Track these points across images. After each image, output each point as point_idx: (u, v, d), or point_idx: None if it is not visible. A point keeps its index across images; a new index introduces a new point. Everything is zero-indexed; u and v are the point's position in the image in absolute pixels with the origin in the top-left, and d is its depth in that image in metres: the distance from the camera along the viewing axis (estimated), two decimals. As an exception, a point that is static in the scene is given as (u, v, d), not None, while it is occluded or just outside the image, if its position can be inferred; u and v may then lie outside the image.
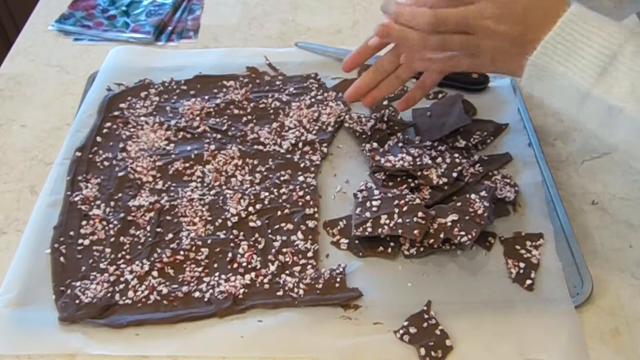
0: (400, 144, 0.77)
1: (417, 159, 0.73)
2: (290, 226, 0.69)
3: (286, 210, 0.71)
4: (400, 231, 0.65)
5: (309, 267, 0.66)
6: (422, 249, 0.67)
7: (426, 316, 0.62)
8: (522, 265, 0.66)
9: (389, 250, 0.67)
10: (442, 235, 0.65)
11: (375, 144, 0.77)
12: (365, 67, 0.76)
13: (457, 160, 0.74)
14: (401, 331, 0.61)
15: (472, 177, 0.74)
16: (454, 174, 0.73)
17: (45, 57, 0.95)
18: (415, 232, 0.64)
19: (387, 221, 0.66)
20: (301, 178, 0.74)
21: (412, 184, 0.73)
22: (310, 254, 0.67)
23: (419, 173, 0.72)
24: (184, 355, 0.60)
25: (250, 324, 0.62)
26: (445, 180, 0.72)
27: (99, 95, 0.86)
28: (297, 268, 0.66)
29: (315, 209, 0.71)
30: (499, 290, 0.65)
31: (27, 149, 0.81)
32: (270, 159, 0.77)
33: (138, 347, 0.61)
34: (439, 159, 0.75)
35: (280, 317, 0.63)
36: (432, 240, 0.66)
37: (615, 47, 0.53)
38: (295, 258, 0.66)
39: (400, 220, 0.65)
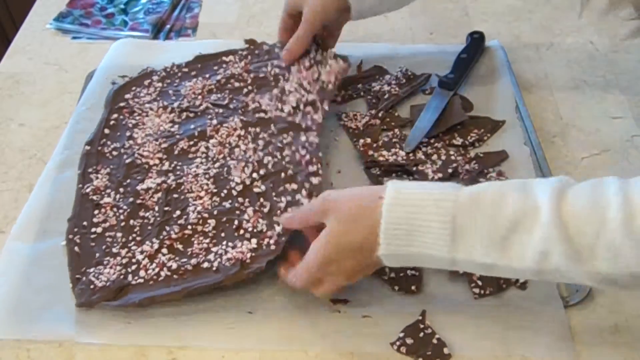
0: (394, 140, 0.77)
1: (411, 154, 0.73)
2: (294, 186, 0.69)
3: (290, 172, 0.71)
4: (396, 287, 0.64)
5: None
6: None
7: (422, 326, 0.61)
8: None
9: None
10: None
11: (368, 140, 0.77)
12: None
13: (453, 157, 0.74)
14: (398, 343, 0.60)
15: (467, 175, 0.73)
16: (449, 170, 0.72)
17: (44, 55, 0.95)
18: (413, 287, 0.64)
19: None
20: (303, 138, 0.74)
21: (407, 180, 0.73)
22: None
23: (414, 168, 0.72)
24: (176, 345, 0.61)
25: (240, 315, 0.63)
26: (440, 175, 0.72)
27: (99, 88, 0.86)
28: None
29: (319, 165, 0.70)
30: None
31: (26, 148, 0.81)
32: (272, 124, 0.77)
33: (128, 336, 0.62)
34: (435, 156, 0.75)
35: (269, 308, 0.63)
36: None
37: (450, 210, 0.51)
38: None
39: (393, 275, 0.65)
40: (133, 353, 0.61)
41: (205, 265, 0.64)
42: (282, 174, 0.70)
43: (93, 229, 0.69)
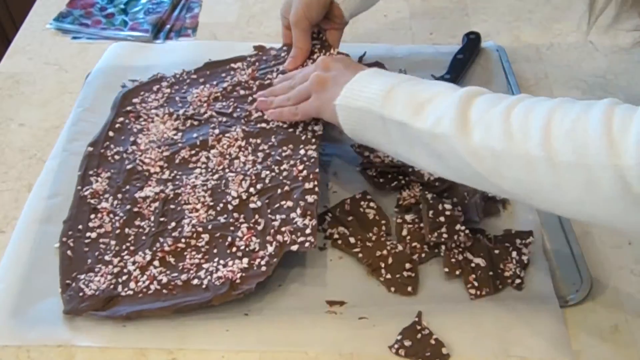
0: None
1: None
2: (290, 203, 0.67)
3: (286, 187, 0.69)
4: (392, 289, 0.65)
5: (306, 244, 0.64)
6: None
7: (419, 327, 0.61)
8: (512, 264, 0.66)
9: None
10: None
11: None
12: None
13: None
14: (396, 345, 0.60)
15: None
16: None
17: (44, 55, 0.95)
18: (409, 289, 0.64)
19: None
20: (302, 152, 0.72)
21: (403, 181, 0.73)
22: (308, 231, 0.64)
23: (410, 169, 0.72)
24: (174, 347, 0.61)
25: (237, 317, 0.63)
26: (436, 176, 0.72)
27: (94, 91, 0.86)
28: (295, 247, 0.64)
29: (315, 182, 0.68)
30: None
31: (26, 148, 0.81)
32: (272, 136, 0.75)
33: (128, 339, 0.62)
34: None
35: (265, 309, 0.63)
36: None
37: (394, 81, 0.62)
38: (293, 236, 0.64)
39: (389, 276, 0.65)
40: (133, 354, 0.61)
41: (195, 282, 0.64)
42: (279, 190, 0.69)
43: (88, 234, 0.69)
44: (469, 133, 0.55)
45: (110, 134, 0.79)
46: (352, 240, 0.68)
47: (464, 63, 0.87)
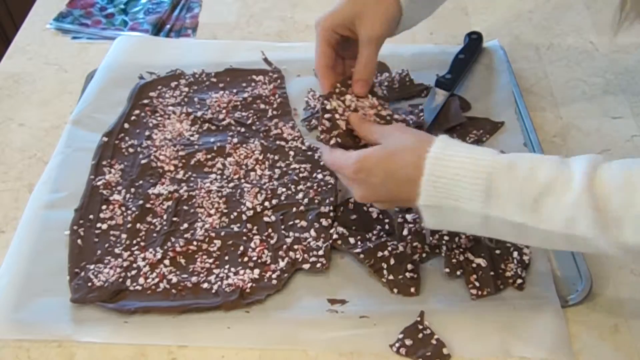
0: None
1: None
2: (304, 223, 0.69)
3: (301, 207, 0.71)
4: (395, 290, 0.64)
5: (318, 265, 0.66)
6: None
7: (420, 327, 0.61)
8: (513, 264, 0.66)
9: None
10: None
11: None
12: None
13: None
14: (397, 344, 0.61)
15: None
16: None
17: (44, 55, 0.95)
18: (412, 290, 0.64)
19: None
20: (320, 176, 0.74)
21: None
22: (321, 252, 0.67)
23: None
24: (174, 344, 0.61)
25: (237, 315, 0.63)
26: None
27: (102, 85, 0.86)
28: (307, 265, 0.66)
29: (331, 207, 0.71)
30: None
31: (26, 148, 0.81)
32: (290, 156, 0.77)
33: (129, 335, 0.62)
34: None
35: (266, 307, 0.64)
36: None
37: (488, 169, 0.54)
38: (305, 255, 0.67)
39: (392, 278, 0.65)
40: (133, 352, 0.61)
41: (205, 285, 0.65)
42: (294, 209, 0.71)
43: (98, 224, 0.70)
44: (618, 233, 0.50)
45: (126, 125, 0.80)
46: (352, 240, 0.68)
47: (465, 63, 0.87)
